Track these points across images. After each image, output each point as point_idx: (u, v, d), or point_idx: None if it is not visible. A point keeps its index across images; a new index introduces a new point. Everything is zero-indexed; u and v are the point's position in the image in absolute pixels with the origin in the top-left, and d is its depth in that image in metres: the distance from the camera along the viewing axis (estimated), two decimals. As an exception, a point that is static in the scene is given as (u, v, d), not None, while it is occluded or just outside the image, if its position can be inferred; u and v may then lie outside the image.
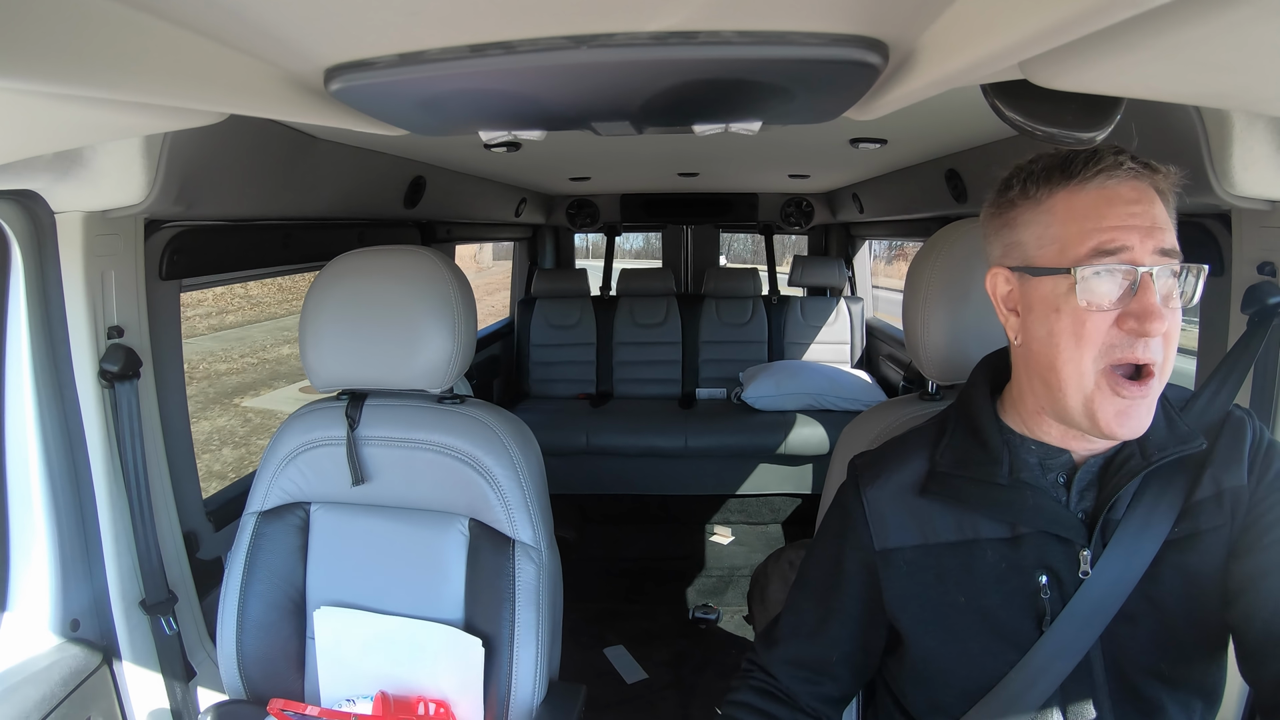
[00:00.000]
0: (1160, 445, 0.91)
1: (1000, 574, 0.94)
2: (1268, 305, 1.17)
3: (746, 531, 3.97)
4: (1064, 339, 0.84)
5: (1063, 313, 0.84)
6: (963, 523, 0.96)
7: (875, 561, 1.00)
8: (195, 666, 1.60)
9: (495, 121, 0.86)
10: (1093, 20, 0.46)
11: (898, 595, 0.99)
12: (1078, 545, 0.92)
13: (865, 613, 1.04)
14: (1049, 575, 0.93)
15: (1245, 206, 1.20)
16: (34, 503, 1.37)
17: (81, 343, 1.37)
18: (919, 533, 0.98)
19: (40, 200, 1.28)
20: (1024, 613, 0.94)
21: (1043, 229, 0.86)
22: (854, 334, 4.51)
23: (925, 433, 1.06)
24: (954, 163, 2.36)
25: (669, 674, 2.86)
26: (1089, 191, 0.83)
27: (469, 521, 1.39)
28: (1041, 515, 0.92)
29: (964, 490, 0.95)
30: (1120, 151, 0.84)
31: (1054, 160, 0.86)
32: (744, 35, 0.58)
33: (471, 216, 3.49)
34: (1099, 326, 0.82)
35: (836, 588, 1.05)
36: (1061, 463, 0.94)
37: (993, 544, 0.95)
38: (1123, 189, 0.83)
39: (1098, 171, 0.83)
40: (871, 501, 1.01)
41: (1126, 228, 0.81)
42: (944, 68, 0.62)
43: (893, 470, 1.02)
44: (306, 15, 0.55)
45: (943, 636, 0.97)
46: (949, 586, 0.96)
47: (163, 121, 0.81)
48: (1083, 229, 0.83)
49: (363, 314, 1.35)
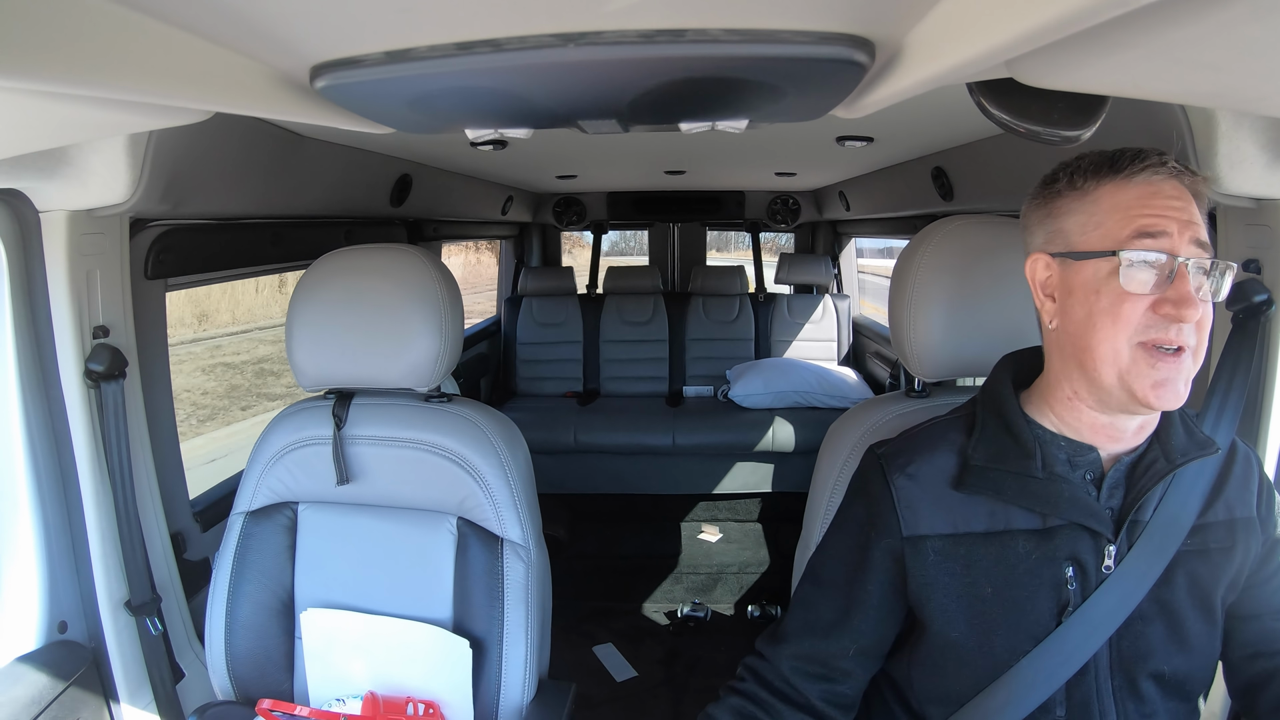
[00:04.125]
0: (1183, 450, 0.96)
1: (1030, 565, 0.96)
2: (1253, 303, 1.19)
3: (734, 529, 3.98)
4: (1101, 319, 0.88)
5: (1102, 294, 0.88)
6: (994, 514, 0.98)
7: (903, 548, 1.01)
8: (183, 667, 1.59)
9: (482, 119, 0.86)
10: (1081, 20, 0.47)
11: (924, 583, 1.00)
12: (1105, 539, 0.95)
13: (886, 604, 1.04)
14: (1075, 567, 0.96)
15: (1231, 204, 1.21)
16: (20, 504, 1.35)
17: (67, 342, 1.36)
18: (949, 522, 1.00)
19: (25, 199, 1.27)
20: (1047, 603, 0.96)
21: (1087, 217, 0.92)
22: (841, 331, 4.52)
23: (950, 426, 1.07)
24: (941, 160, 2.37)
25: (658, 672, 2.87)
26: (1135, 185, 0.89)
27: (457, 520, 1.39)
28: (1076, 507, 0.95)
29: (1001, 482, 0.97)
30: (1163, 153, 0.89)
31: (1102, 157, 0.92)
32: (731, 33, 0.58)
33: (458, 214, 3.48)
34: (1136, 309, 0.86)
35: (860, 578, 1.04)
36: (1089, 460, 0.97)
37: (1025, 535, 0.97)
38: (1165, 185, 0.88)
39: (1143, 168, 0.89)
40: (901, 489, 1.02)
41: (1168, 218, 0.87)
42: (931, 66, 0.63)
43: (923, 460, 1.03)
44: (293, 12, 0.55)
45: (967, 627, 0.98)
46: (977, 577, 0.98)
47: (148, 119, 0.80)
48: (1127, 216, 0.88)
49: (349, 313, 1.35)
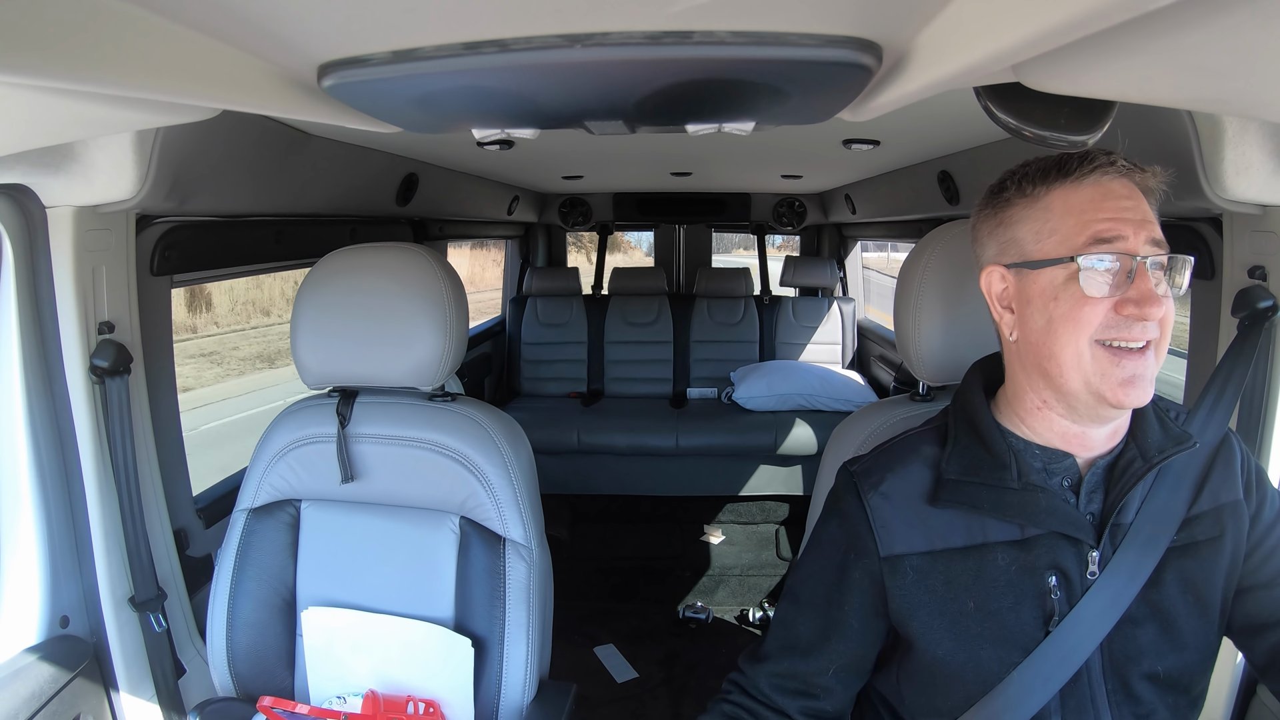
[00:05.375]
0: (1159, 447, 0.94)
1: (1011, 577, 0.95)
2: (1258, 309, 1.18)
3: (737, 532, 3.97)
4: (1062, 325, 0.87)
5: (1061, 299, 0.87)
6: (971, 527, 0.97)
7: (881, 569, 0.99)
8: (185, 664, 1.59)
9: (489, 119, 0.86)
10: (1086, 25, 0.47)
11: (906, 603, 0.98)
12: (1087, 546, 0.94)
13: (866, 625, 1.02)
14: (1058, 575, 0.94)
15: (1237, 210, 1.20)
16: (23, 499, 1.36)
17: (72, 338, 1.36)
18: (926, 539, 0.98)
19: (32, 194, 1.28)
20: (1032, 614, 0.94)
21: (1040, 224, 0.90)
22: (845, 335, 4.51)
23: (922, 439, 1.05)
24: (946, 164, 2.37)
25: (659, 673, 2.87)
26: (1085, 188, 0.88)
27: (460, 519, 1.39)
28: (1054, 516, 0.94)
29: (977, 495, 0.96)
30: (1110, 153, 0.88)
31: (1049, 161, 0.91)
32: (738, 35, 0.58)
33: (464, 214, 3.48)
34: (1097, 311, 0.86)
35: (837, 600, 1.02)
36: (1065, 467, 0.96)
37: (1003, 547, 0.95)
38: (1115, 185, 0.88)
39: (1093, 169, 0.88)
40: (875, 508, 1.00)
41: (1122, 220, 0.86)
42: (937, 70, 0.63)
43: (895, 476, 1.01)
44: (301, 11, 0.55)
45: (953, 643, 0.96)
46: (958, 592, 0.96)
47: (155, 116, 0.80)
48: (1081, 220, 0.87)
49: (354, 311, 1.35)
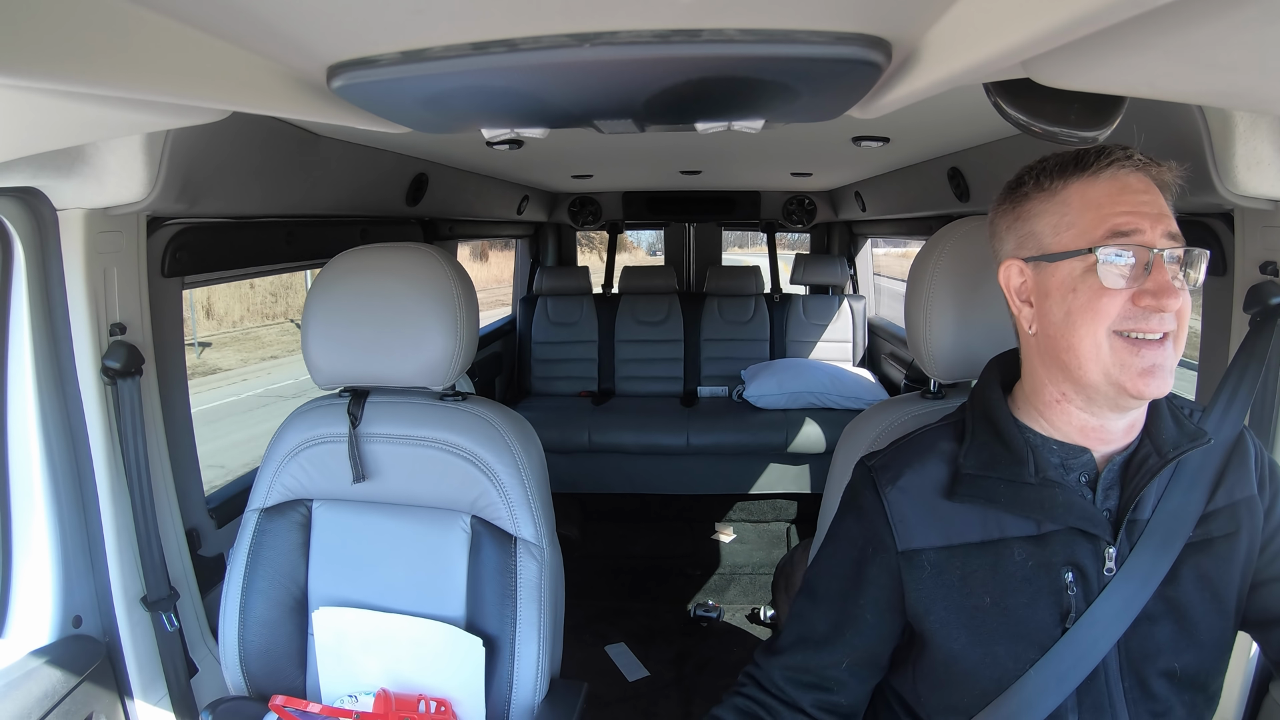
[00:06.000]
0: (1175, 443, 0.95)
1: (1027, 572, 0.95)
2: (1270, 305, 1.17)
3: (748, 530, 3.97)
4: (1081, 316, 0.88)
5: (1080, 292, 0.88)
6: (988, 522, 0.97)
7: (898, 564, 0.99)
8: (197, 663, 1.60)
9: (498, 119, 0.86)
10: (1097, 20, 0.46)
11: (922, 598, 0.98)
12: (1104, 542, 0.94)
13: (881, 619, 1.02)
14: (1075, 572, 0.94)
15: (1248, 206, 1.20)
16: (36, 499, 1.37)
17: (84, 340, 1.37)
18: (943, 534, 0.98)
19: (43, 197, 1.28)
20: (1049, 610, 0.94)
21: (1058, 217, 0.91)
22: (856, 332, 4.50)
23: (939, 434, 1.05)
24: (957, 161, 2.36)
25: (670, 672, 2.87)
26: (1102, 181, 0.89)
27: (471, 519, 1.39)
28: (1071, 511, 0.94)
29: (994, 490, 0.96)
30: (1127, 147, 0.89)
31: (1067, 156, 0.91)
32: (747, 33, 0.58)
33: (474, 214, 3.49)
34: (1115, 303, 0.86)
35: (853, 594, 1.02)
36: (1082, 463, 0.96)
37: (1019, 542, 0.96)
38: (1132, 180, 0.89)
39: (1110, 163, 0.89)
40: (893, 502, 1.00)
41: (1139, 213, 0.87)
42: (947, 67, 0.62)
43: (913, 470, 1.01)
44: (310, 12, 0.55)
45: (969, 639, 0.96)
46: (975, 588, 0.96)
47: (165, 119, 0.81)
48: (1099, 214, 0.88)
49: (365, 311, 1.35)
